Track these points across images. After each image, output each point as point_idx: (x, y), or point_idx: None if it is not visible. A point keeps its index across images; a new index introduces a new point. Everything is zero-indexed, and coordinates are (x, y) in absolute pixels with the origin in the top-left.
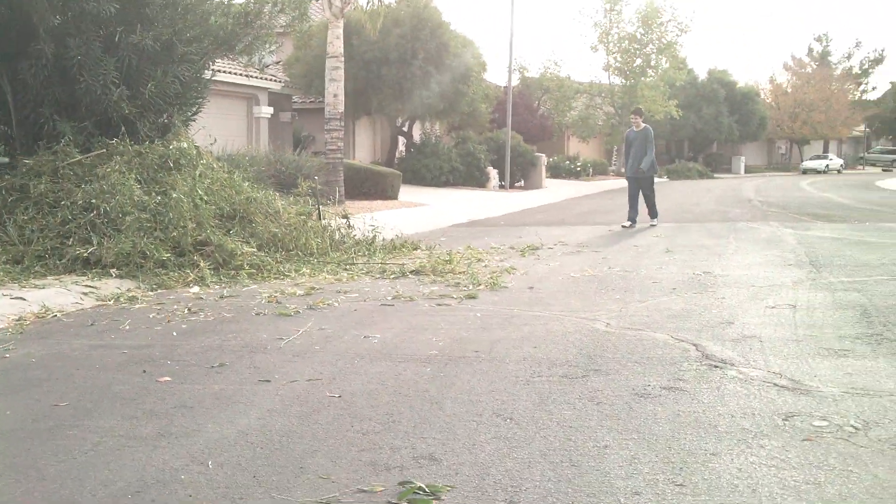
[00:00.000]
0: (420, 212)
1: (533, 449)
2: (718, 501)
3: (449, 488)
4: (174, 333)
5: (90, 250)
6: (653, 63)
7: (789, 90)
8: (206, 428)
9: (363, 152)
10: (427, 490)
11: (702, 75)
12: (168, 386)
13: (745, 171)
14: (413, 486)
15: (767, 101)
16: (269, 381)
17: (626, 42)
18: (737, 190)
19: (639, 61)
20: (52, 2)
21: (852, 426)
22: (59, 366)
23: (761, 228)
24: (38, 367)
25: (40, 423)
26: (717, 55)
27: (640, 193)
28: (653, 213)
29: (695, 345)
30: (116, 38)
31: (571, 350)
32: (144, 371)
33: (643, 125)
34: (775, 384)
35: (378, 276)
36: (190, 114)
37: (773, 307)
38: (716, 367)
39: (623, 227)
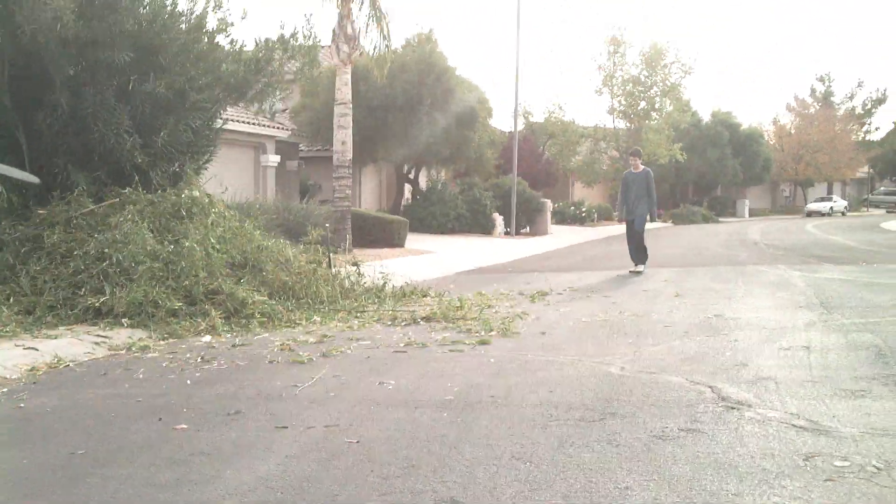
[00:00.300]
0: (427, 259)
1: (554, 491)
2: None
3: None
4: (188, 382)
5: (102, 300)
6: (657, 106)
7: (793, 131)
8: (226, 475)
9: (369, 199)
10: None
11: (706, 117)
12: (185, 434)
13: (750, 215)
14: None
15: (771, 142)
16: (286, 427)
17: (630, 85)
18: (742, 233)
19: (643, 104)
20: (68, 52)
21: (874, 466)
22: (74, 415)
23: (769, 271)
24: (53, 416)
25: (58, 473)
26: (720, 97)
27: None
28: (642, 258)
29: (710, 387)
30: (130, 87)
31: (587, 394)
32: (160, 419)
33: (642, 167)
34: (793, 425)
35: (389, 323)
36: (201, 162)
37: (786, 349)
38: (732, 408)
39: (630, 272)
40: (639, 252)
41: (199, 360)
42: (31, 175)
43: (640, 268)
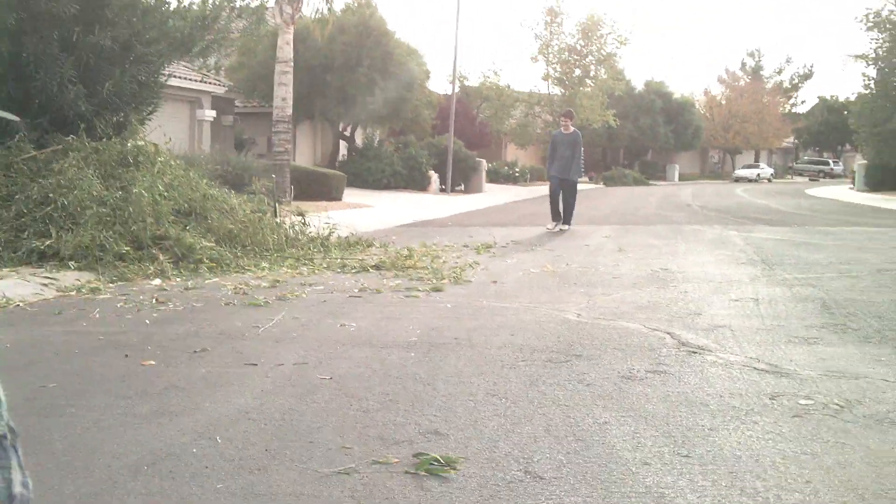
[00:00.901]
0: (366, 212)
1: (535, 425)
2: (726, 470)
3: (463, 459)
4: (146, 321)
5: (47, 243)
6: (592, 74)
7: (723, 102)
8: (204, 406)
9: (305, 156)
10: (442, 461)
11: (639, 86)
12: (153, 369)
13: (679, 179)
14: (428, 457)
15: (702, 111)
16: (255, 364)
17: (566, 53)
18: (674, 196)
19: (578, 72)
20: (9, 1)
21: (836, 404)
22: (35, 351)
23: (706, 230)
24: (13, 352)
25: (34, 403)
26: (654, 67)
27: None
28: (568, 219)
29: (669, 333)
30: (74, 38)
31: (549, 337)
32: (126, 355)
33: (573, 129)
34: (755, 368)
35: (339, 270)
36: (146, 113)
37: (736, 300)
38: (694, 352)
39: (548, 228)
40: (567, 211)
41: (153, 301)
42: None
43: (565, 227)
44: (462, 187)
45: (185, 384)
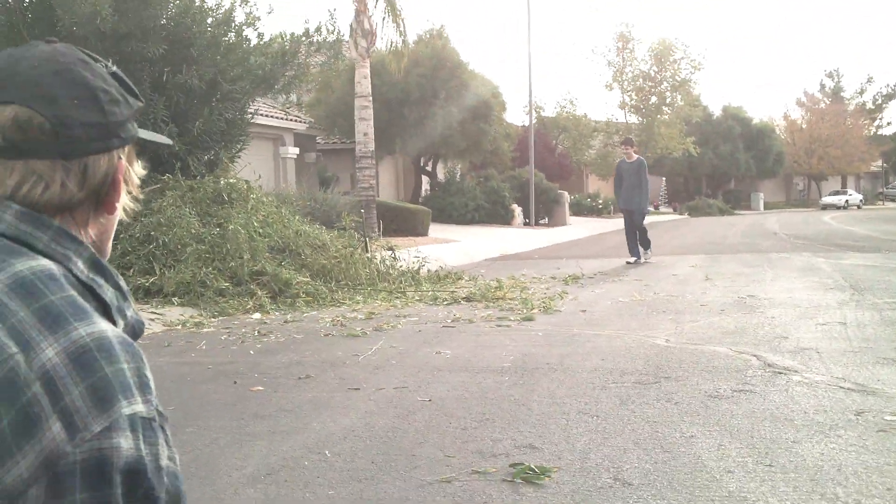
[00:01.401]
0: (452, 247)
1: (625, 438)
2: (807, 477)
3: (556, 469)
4: (251, 352)
5: (151, 280)
6: (668, 100)
7: (804, 126)
8: (312, 426)
9: (387, 191)
10: (537, 470)
11: (716, 112)
12: (262, 395)
13: (764, 208)
14: (524, 466)
15: (783, 137)
16: (357, 389)
17: (640, 80)
18: (760, 225)
19: (654, 99)
20: (105, 45)
21: None
22: (153, 379)
23: (794, 258)
24: None
25: None
26: (731, 92)
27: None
28: (646, 245)
29: (755, 356)
30: (164, 79)
31: (638, 361)
32: (235, 382)
33: (635, 156)
34: (841, 387)
35: (431, 302)
36: (235, 151)
37: (823, 324)
38: (780, 373)
39: (628, 263)
40: (642, 241)
41: (255, 333)
42: (165, 137)
43: (644, 257)
44: (546, 220)
45: (293, 407)
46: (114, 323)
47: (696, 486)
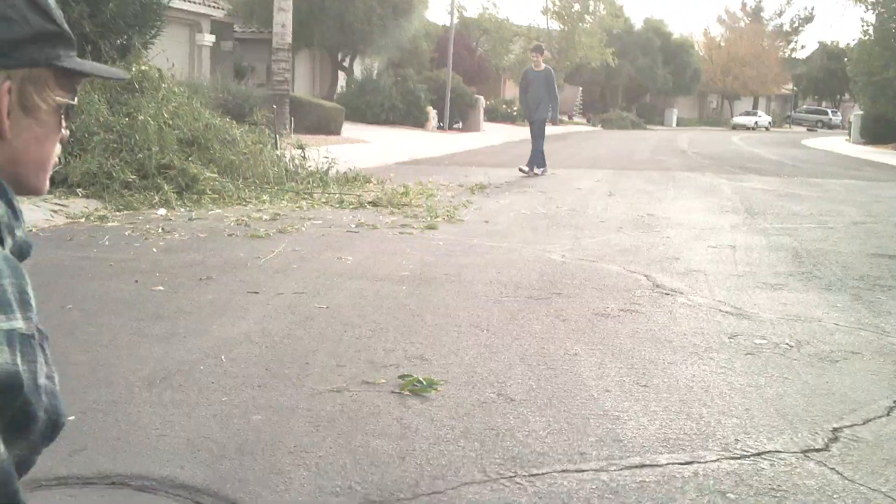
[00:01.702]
0: (364, 148)
1: (511, 354)
2: (677, 398)
3: (443, 382)
4: (154, 250)
5: (56, 168)
6: (591, 9)
7: (723, 44)
8: (211, 330)
9: (303, 86)
10: (424, 382)
11: (638, 24)
12: (162, 294)
13: (678, 124)
14: (412, 378)
15: (701, 53)
16: (257, 292)
17: None
18: (671, 141)
19: (576, 7)
20: None
21: (787, 344)
22: (53, 274)
23: (698, 178)
24: (32, 274)
25: (55, 321)
26: (653, 4)
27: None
28: (539, 161)
29: (646, 275)
30: None
31: (533, 276)
32: (136, 281)
33: (544, 65)
34: (720, 310)
35: (337, 205)
36: (149, 36)
37: (714, 247)
38: (667, 294)
39: (521, 170)
40: (534, 154)
41: (160, 230)
42: (120, 70)
43: (538, 170)
44: (460, 125)
45: (192, 309)
46: (1, 241)
47: (574, 404)
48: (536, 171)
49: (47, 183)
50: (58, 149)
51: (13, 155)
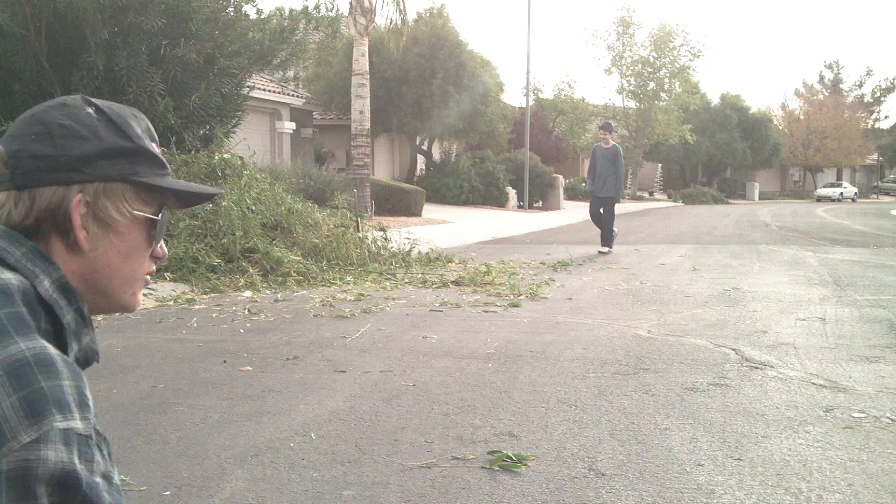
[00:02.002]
0: (445, 229)
1: (601, 429)
2: (773, 472)
3: (533, 457)
4: (241, 331)
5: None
6: (666, 87)
7: (801, 117)
8: (299, 408)
9: (383, 170)
10: (514, 457)
11: (715, 100)
12: (251, 374)
13: (759, 198)
14: (502, 454)
15: (780, 127)
16: (344, 371)
17: (640, 66)
18: (753, 215)
19: (652, 85)
20: (104, 17)
21: (888, 418)
22: (144, 355)
23: (782, 251)
24: (125, 356)
25: (147, 401)
26: (729, 80)
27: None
28: (608, 241)
29: (734, 349)
30: (162, 52)
31: (619, 352)
32: (225, 361)
33: (612, 143)
34: (813, 383)
35: (420, 285)
36: (230, 126)
37: (803, 319)
38: (756, 367)
39: (600, 252)
40: (606, 234)
41: (246, 312)
42: (211, 188)
43: (605, 249)
44: (540, 204)
45: (281, 388)
46: (65, 346)
47: (666, 478)
48: (602, 249)
49: (138, 298)
50: (150, 265)
51: (94, 267)
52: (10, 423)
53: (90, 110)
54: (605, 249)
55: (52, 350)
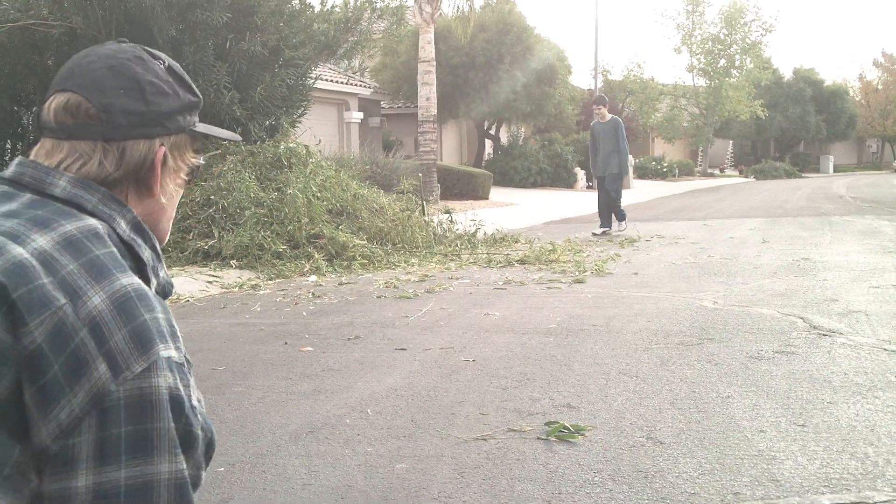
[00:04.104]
0: (512, 210)
1: (661, 399)
2: (839, 438)
3: (591, 427)
4: (304, 313)
5: (210, 243)
6: (737, 63)
7: (880, 87)
8: (357, 386)
9: (451, 155)
10: (571, 428)
11: (787, 74)
12: (311, 355)
13: (834, 171)
14: (558, 424)
15: (857, 99)
16: (404, 349)
17: (710, 43)
18: (827, 187)
19: (723, 62)
20: (171, 14)
21: None
22: (206, 339)
23: (857, 221)
24: (187, 340)
25: (207, 382)
26: (803, 53)
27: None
28: (620, 216)
29: (802, 318)
30: (227, 46)
31: (684, 323)
32: (286, 343)
33: (609, 116)
34: (885, 349)
35: (485, 265)
36: (296, 116)
37: (876, 287)
38: (824, 335)
39: (594, 234)
40: (612, 212)
41: (310, 295)
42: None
43: (613, 228)
44: None
45: (340, 367)
46: (147, 280)
47: (726, 445)
48: (623, 226)
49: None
50: None
51: (152, 210)
52: (124, 354)
53: (160, 65)
54: (618, 227)
55: (144, 285)
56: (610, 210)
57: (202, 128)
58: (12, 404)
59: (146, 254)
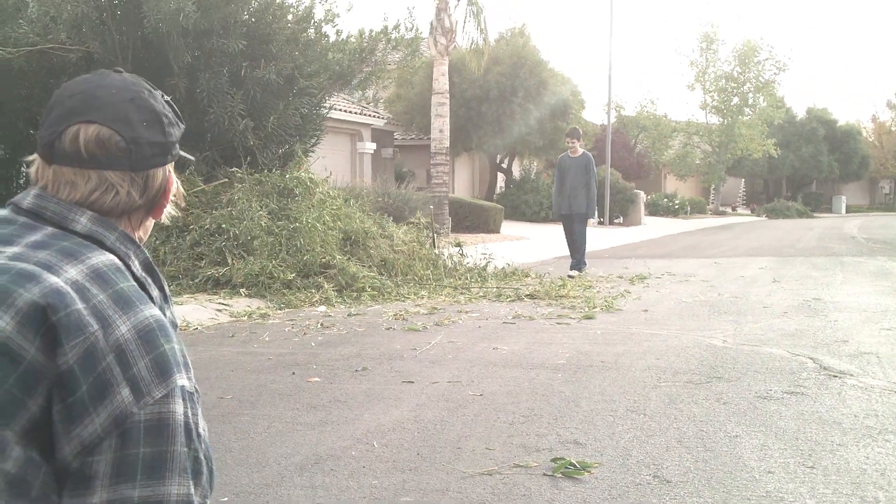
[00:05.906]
0: (524, 244)
1: (669, 437)
2: (848, 481)
3: (597, 464)
4: (312, 344)
5: (222, 271)
6: (750, 102)
7: (893, 128)
8: (364, 417)
9: (462, 188)
10: (577, 465)
11: (800, 114)
12: (318, 385)
13: (847, 211)
14: (564, 461)
15: (870, 139)
16: (412, 382)
17: (723, 81)
18: (839, 228)
19: (736, 100)
20: (187, 41)
21: None
22: (214, 368)
23: (868, 262)
24: (194, 368)
25: (213, 411)
26: (816, 93)
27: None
28: (579, 263)
29: (811, 358)
30: (242, 73)
31: (692, 361)
32: (294, 373)
33: (581, 151)
34: None
35: (494, 299)
36: (309, 145)
37: (887, 329)
38: (834, 376)
39: (569, 276)
40: (574, 252)
41: (318, 326)
42: (188, 154)
43: (574, 272)
44: (621, 220)
45: (346, 398)
46: None
47: (734, 486)
48: (571, 272)
49: None
50: None
51: (147, 227)
52: (146, 380)
53: (161, 96)
54: (573, 273)
55: (163, 316)
56: (577, 250)
57: (181, 152)
58: (43, 423)
59: (154, 293)
